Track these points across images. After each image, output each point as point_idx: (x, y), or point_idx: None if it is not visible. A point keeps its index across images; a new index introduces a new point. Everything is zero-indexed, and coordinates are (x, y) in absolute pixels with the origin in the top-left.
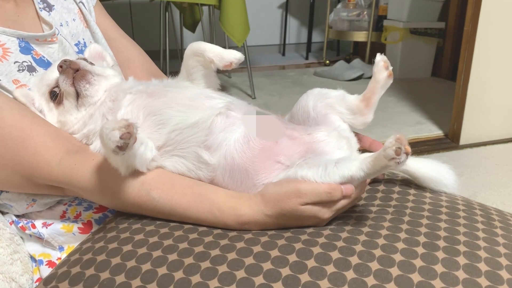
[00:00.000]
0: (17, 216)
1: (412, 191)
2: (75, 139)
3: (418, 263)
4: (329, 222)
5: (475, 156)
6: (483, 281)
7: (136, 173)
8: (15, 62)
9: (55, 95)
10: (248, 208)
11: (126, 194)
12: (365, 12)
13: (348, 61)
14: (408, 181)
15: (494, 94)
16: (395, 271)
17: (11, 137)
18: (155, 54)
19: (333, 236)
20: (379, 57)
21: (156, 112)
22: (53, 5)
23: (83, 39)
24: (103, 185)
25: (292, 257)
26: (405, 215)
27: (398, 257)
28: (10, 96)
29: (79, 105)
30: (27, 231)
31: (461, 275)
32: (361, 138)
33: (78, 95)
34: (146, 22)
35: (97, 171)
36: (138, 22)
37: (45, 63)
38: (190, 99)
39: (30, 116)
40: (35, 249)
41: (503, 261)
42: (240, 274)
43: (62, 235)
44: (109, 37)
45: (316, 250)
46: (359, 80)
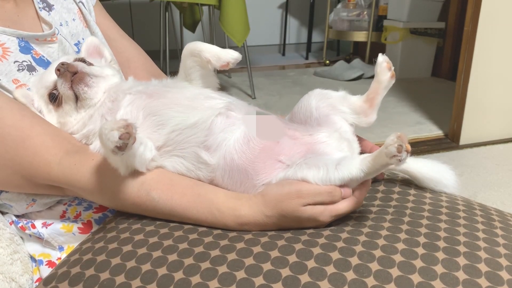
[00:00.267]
0: (17, 216)
1: (412, 191)
2: (74, 139)
3: (418, 263)
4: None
5: (475, 156)
6: (483, 282)
7: (135, 173)
8: (15, 62)
9: (54, 98)
10: (248, 209)
11: (125, 194)
12: (365, 12)
13: (348, 61)
14: (408, 181)
15: (494, 94)
16: (395, 272)
17: (11, 137)
18: (155, 54)
19: (333, 236)
20: (382, 58)
21: (156, 113)
22: (53, 5)
23: (83, 39)
24: (103, 185)
25: (292, 258)
26: (405, 215)
27: (398, 257)
28: (10, 95)
29: (78, 107)
30: (27, 231)
31: (461, 275)
32: (362, 142)
33: (77, 98)
34: (146, 22)
35: (97, 171)
36: (138, 22)
37: (44, 63)
38: (189, 99)
39: (30, 116)
40: (35, 249)
41: (503, 261)
42: (240, 274)
43: (62, 235)
44: (109, 37)
45: (316, 250)
46: (359, 80)
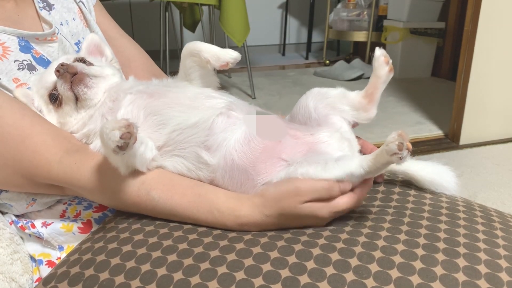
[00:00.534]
0: (16, 216)
1: (412, 192)
2: (75, 138)
3: (418, 265)
4: (329, 222)
5: (475, 156)
6: (483, 283)
7: (136, 172)
8: (15, 61)
9: (54, 98)
10: (247, 209)
11: (126, 194)
12: (365, 12)
13: (348, 61)
14: (408, 182)
15: (494, 94)
16: (394, 273)
17: (11, 136)
18: (155, 54)
19: (332, 237)
20: (379, 52)
21: (157, 112)
22: (53, 4)
23: (83, 38)
24: (103, 184)
25: (292, 259)
26: (405, 216)
27: (397, 259)
28: (10, 95)
29: (78, 107)
30: (26, 230)
31: (460, 277)
32: (362, 143)
33: (77, 98)
34: (146, 22)
35: (97, 170)
36: (138, 22)
37: (45, 62)
38: (190, 99)
39: (30, 115)
40: (34, 249)
41: (503, 263)
42: (240, 275)
43: (62, 234)
44: (109, 37)
45: (316, 251)
46: (359, 80)
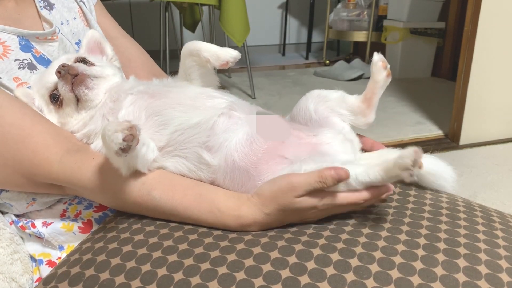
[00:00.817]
0: (17, 216)
1: (412, 192)
2: (75, 138)
3: (418, 265)
4: (329, 222)
5: (475, 156)
6: (483, 284)
7: (137, 172)
8: (15, 60)
9: (55, 98)
10: (247, 209)
11: (127, 194)
12: (365, 12)
13: (348, 61)
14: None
15: (494, 94)
16: (395, 274)
17: (11, 135)
18: (155, 54)
19: (333, 237)
20: (377, 57)
21: (158, 113)
22: (54, 3)
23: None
24: (104, 184)
25: (292, 259)
26: (406, 216)
27: (398, 259)
28: (11, 94)
29: (79, 108)
30: (27, 230)
31: (461, 277)
32: (362, 139)
33: (78, 99)
34: (146, 22)
35: (98, 170)
36: (138, 22)
37: (45, 61)
38: (191, 98)
39: (31, 114)
40: (35, 248)
41: (504, 263)
42: (240, 275)
43: (62, 234)
44: (110, 36)
45: (316, 251)
46: (359, 80)
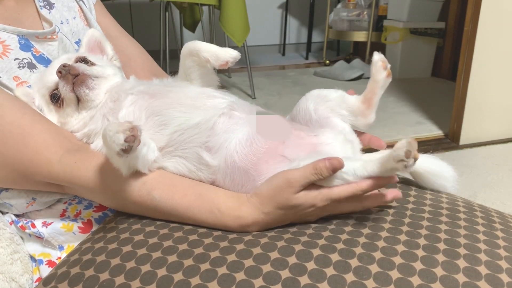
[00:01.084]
0: (16, 216)
1: (412, 192)
2: (75, 137)
3: (418, 266)
4: (329, 222)
5: (475, 156)
6: (483, 285)
7: (137, 173)
8: (15, 59)
9: (56, 98)
10: (246, 209)
11: (127, 193)
12: (365, 12)
13: (348, 61)
14: (408, 182)
15: (494, 94)
16: (395, 274)
17: (11, 134)
18: (155, 54)
19: (333, 238)
20: (377, 57)
21: (158, 113)
22: (54, 3)
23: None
24: (104, 184)
25: (292, 259)
26: (406, 216)
27: (398, 259)
28: (11, 93)
29: (80, 108)
30: (27, 230)
31: (461, 278)
32: (360, 135)
33: (78, 99)
34: (146, 22)
35: (98, 170)
36: (138, 22)
37: (45, 60)
38: (192, 98)
39: (31, 114)
40: (35, 248)
41: (504, 264)
42: (240, 276)
43: (62, 234)
44: (110, 36)
45: (316, 252)
46: (359, 80)
